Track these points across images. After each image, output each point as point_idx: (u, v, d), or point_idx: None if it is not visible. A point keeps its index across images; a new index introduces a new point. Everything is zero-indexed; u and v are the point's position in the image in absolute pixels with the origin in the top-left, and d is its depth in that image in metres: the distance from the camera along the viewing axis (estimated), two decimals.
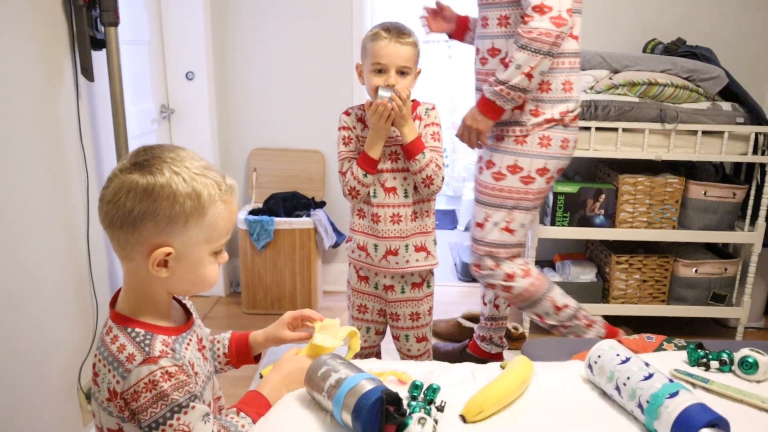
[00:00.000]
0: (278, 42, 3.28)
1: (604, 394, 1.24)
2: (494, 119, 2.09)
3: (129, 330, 1.03)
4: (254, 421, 1.13)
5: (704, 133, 2.71)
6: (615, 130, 2.72)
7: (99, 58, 2.06)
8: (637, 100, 2.70)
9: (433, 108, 2.00)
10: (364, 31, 3.23)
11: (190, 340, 1.12)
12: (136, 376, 0.98)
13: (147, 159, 1.00)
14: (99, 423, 1.07)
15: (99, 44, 2.06)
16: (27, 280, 1.71)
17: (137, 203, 0.98)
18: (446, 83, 5.17)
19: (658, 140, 2.74)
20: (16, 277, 1.66)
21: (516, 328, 2.90)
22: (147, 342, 1.01)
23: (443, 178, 1.91)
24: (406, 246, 1.97)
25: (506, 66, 1.98)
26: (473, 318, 2.96)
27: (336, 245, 3.30)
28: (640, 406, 1.12)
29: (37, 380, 1.76)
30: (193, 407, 1.02)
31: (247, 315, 3.20)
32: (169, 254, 1.01)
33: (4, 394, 1.61)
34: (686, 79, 2.73)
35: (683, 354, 1.44)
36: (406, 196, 1.95)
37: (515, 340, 2.88)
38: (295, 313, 1.36)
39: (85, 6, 1.96)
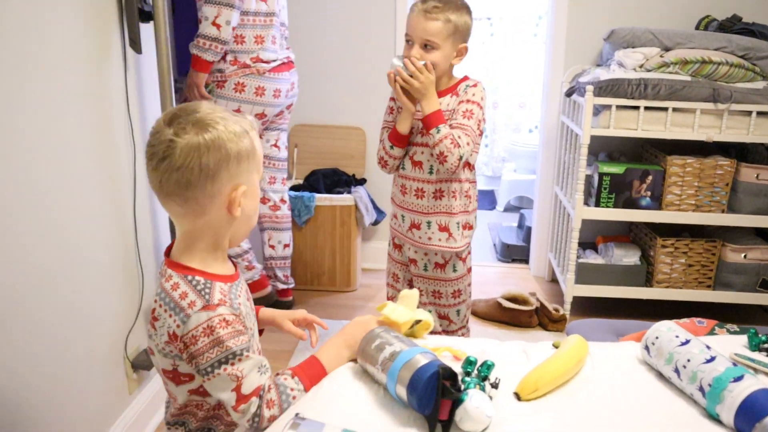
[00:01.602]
0: (321, 18, 3.26)
1: (661, 376, 1.21)
2: (204, 71, 2.44)
3: (189, 278, 1.08)
4: (306, 389, 1.14)
5: (759, 113, 2.61)
6: (665, 109, 2.64)
7: (146, 30, 2.06)
8: (689, 78, 2.62)
9: (475, 85, 1.92)
10: (407, 7, 3.18)
11: (241, 289, 1.16)
12: (196, 321, 1.03)
13: (193, 118, 1.04)
14: (156, 365, 1.14)
15: (147, 16, 2.06)
16: (75, 252, 1.73)
17: (210, 156, 1.03)
18: (486, 61, 5.09)
19: (709, 121, 2.66)
20: (64, 250, 1.68)
21: (557, 310, 2.87)
22: (207, 290, 1.06)
23: (461, 156, 1.78)
24: (429, 223, 1.95)
25: (200, 22, 2.37)
26: (514, 299, 2.94)
27: (376, 223, 3.29)
28: (701, 389, 1.08)
29: (84, 350, 1.79)
30: (247, 356, 1.06)
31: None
32: (243, 192, 1.09)
33: (54, 364, 1.64)
34: (742, 57, 2.63)
35: (740, 339, 1.40)
36: (430, 173, 1.91)
37: (555, 322, 2.85)
38: (308, 317, 1.37)
39: None
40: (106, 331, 1.91)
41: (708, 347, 1.15)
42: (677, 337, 1.18)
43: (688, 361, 1.12)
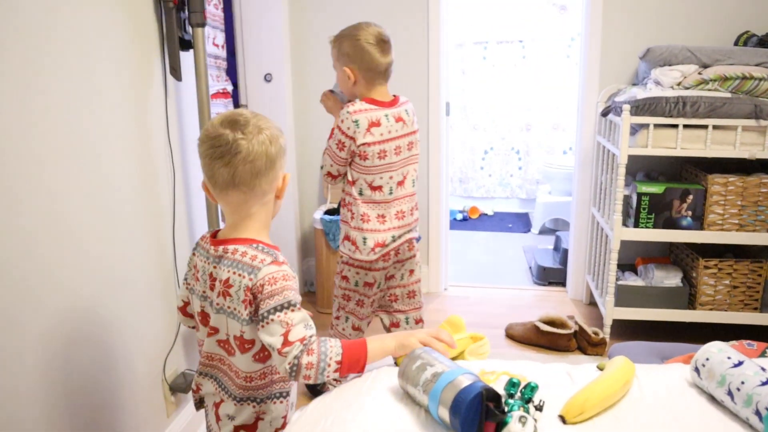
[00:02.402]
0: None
1: (713, 399, 1.17)
2: None
3: (254, 245, 1.25)
4: (343, 358, 1.18)
5: None
6: (704, 127, 2.59)
7: (185, 58, 2.11)
8: (729, 95, 2.57)
9: (346, 109, 2.01)
10: (441, 27, 3.21)
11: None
12: (265, 271, 1.20)
13: (249, 120, 1.24)
14: (225, 334, 1.28)
15: (186, 45, 2.11)
16: (114, 277, 1.76)
17: (273, 147, 1.24)
18: (520, 83, 5.08)
19: (751, 138, 2.60)
20: (105, 273, 1.71)
21: (596, 333, 2.80)
22: (272, 252, 1.25)
23: (323, 167, 2.09)
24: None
25: None
26: (552, 322, 2.88)
27: None
28: (757, 413, 1.04)
29: (123, 372, 1.81)
30: (299, 309, 1.21)
31: (321, 314, 3.22)
32: (288, 179, 1.32)
33: (93, 386, 1.66)
34: None
35: None
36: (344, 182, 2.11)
37: (595, 346, 2.78)
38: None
39: (175, 7, 2.01)
40: (145, 354, 1.92)
41: (763, 369, 1.10)
42: (729, 358, 1.14)
43: (742, 383, 1.08)
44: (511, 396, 1.10)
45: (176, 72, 2.08)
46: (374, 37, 1.99)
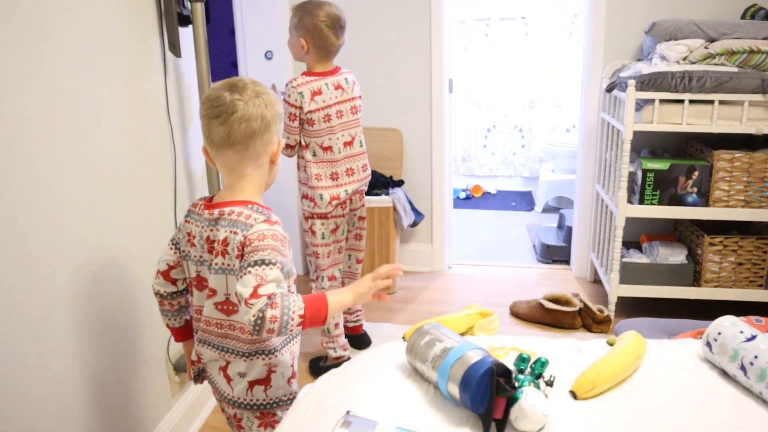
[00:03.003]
0: (356, 21, 3.25)
1: (724, 374, 1.15)
2: None
3: (249, 206, 1.30)
4: (305, 313, 1.18)
5: None
6: (711, 102, 2.56)
7: (184, 34, 2.08)
8: (736, 69, 2.53)
9: (290, 84, 2.26)
10: (443, 8, 3.16)
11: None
12: (256, 228, 1.25)
13: (248, 84, 1.29)
14: (224, 294, 1.32)
15: (185, 20, 2.07)
16: (116, 255, 1.74)
17: (268, 111, 1.29)
18: (522, 61, 5.03)
19: (758, 113, 2.56)
20: (106, 253, 1.69)
21: (601, 311, 2.79)
22: (266, 212, 1.30)
23: (282, 143, 2.27)
24: None
25: None
26: (557, 300, 2.87)
27: (414, 224, 3.26)
28: None
29: (127, 353, 1.80)
30: (278, 268, 1.22)
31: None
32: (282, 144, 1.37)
33: (97, 368, 1.66)
34: None
35: None
36: None
37: (600, 323, 2.78)
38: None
39: None
40: (148, 334, 1.91)
41: None
42: (742, 332, 1.12)
43: (756, 357, 1.06)
44: (521, 371, 1.09)
45: (175, 48, 2.04)
46: (333, 21, 2.24)
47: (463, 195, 5.06)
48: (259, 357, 1.36)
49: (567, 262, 3.58)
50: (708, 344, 1.18)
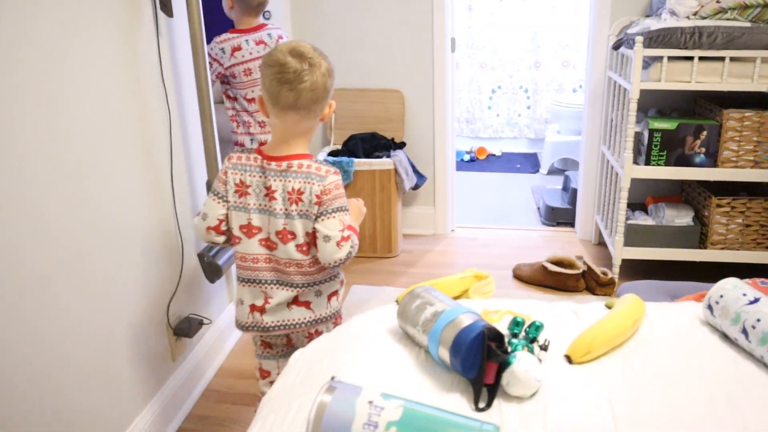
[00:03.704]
0: None
1: (726, 337, 1.12)
2: None
3: (313, 159, 1.51)
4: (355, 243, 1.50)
5: None
6: (721, 59, 2.48)
7: None
8: (749, 24, 2.44)
9: (215, 40, 2.50)
10: None
11: None
12: (331, 179, 1.48)
13: (312, 53, 1.45)
14: (298, 234, 1.50)
15: None
16: (113, 221, 1.72)
17: (329, 79, 1.48)
18: (528, 19, 4.90)
19: None
20: (102, 218, 1.67)
21: (605, 273, 2.77)
22: (326, 164, 1.52)
23: None
24: None
25: None
26: (560, 262, 2.84)
27: (416, 187, 3.22)
28: None
29: (128, 318, 1.79)
30: (347, 213, 1.51)
31: None
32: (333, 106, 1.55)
33: (97, 334, 1.65)
34: None
35: None
36: None
37: (604, 286, 2.75)
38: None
39: None
40: (148, 299, 1.90)
41: None
42: (744, 295, 1.09)
43: (758, 320, 1.03)
44: (515, 335, 1.06)
45: (167, 8, 1.98)
46: None
47: (467, 157, 5.00)
48: (332, 280, 1.62)
49: (572, 224, 3.54)
50: (709, 307, 1.14)
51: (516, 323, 1.08)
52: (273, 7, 3.12)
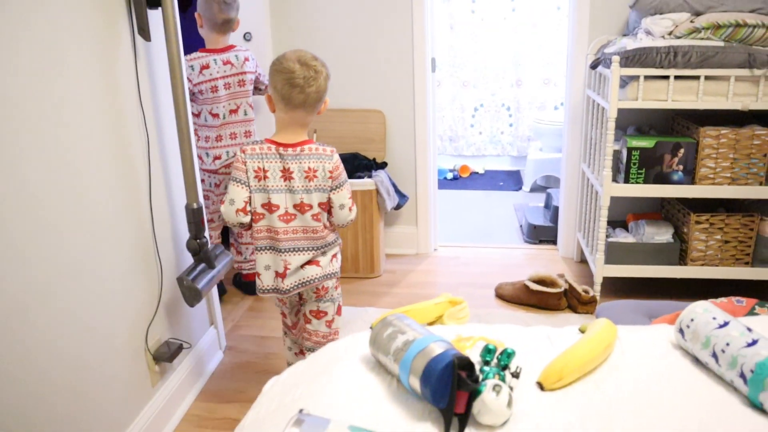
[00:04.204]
0: (337, 1, 3.18)
1: (697, 361, 1.13)
2: None
3: (317, 144, 1.85)
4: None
5: None
6: (696, 78, 2.51)
7: (154, 17, 2.02)
8: (722, 44, 2.48)
9: (187, 57, 2.56)
10: None
11: None
12: (335, 158, 1.85)
13: (315, 61, 1.78)
14: (313, 205, 1.84)
15: (154, 3, 2.01)
16: (90, 244, 1.71)
17: (327, 82, 1.82)
18: (510, 37, 4.95)
19: (745, 88, 2.51)
20: (79, 242, 1.66)
21: (587, 291, 2.77)
22: (325, 144, 1.87)
23: None
24: None
25: None
26: (542, 281, 2.85)
27: (398, 207, 3.22)
28: (742, 375, 1.00)
29: (104, 343, 1.77)
30: (349, 183, 1.91)
31: None
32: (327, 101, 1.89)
33: (75, 357, 1.63)
34: None
35: None
36: None
37: (585, 304, 2.76)
38: None
39: None
40: (126, 324, 1.88)
41: (749, 329, 1.06)
42: (714, 318, 1.09)
43: (727, 344, 1.04)
44: (487, 363, 1.06)
45: (145, 32, 1.98)
46: None
47: (450, 175, 5.02)
48: (334, 243, 1.96)
49: (554, 242, 3.55)
50: (681, 331, 1.15)
51: (488, 351, 1.07)
52: (253, 28, 3.13)
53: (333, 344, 1.23)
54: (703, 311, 1.12)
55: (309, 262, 1.90)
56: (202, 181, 2.80)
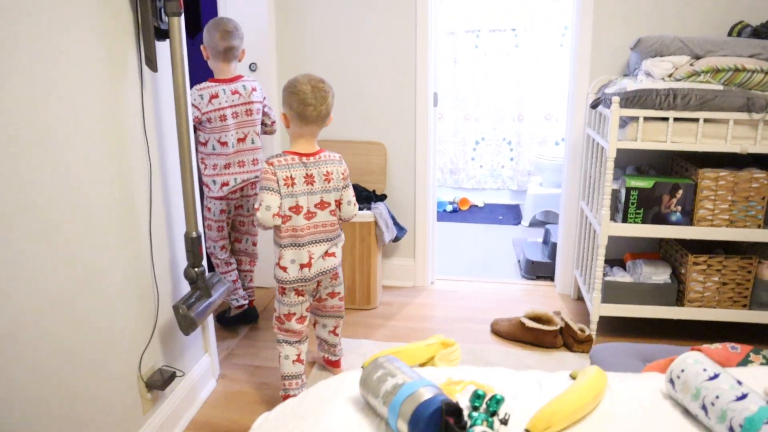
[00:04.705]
0: (341, 34, 3.23)
1: (687, 413, 1.12)
2: None
3: (328, 152, 2.22)
4: None
5: None
6: (696, 120, 2.53)
7: (161, 49, 2.05)
8: (721, 87, 2.51)
9: (195, 87, 2.66)
10: (429, 22, 3.14)
11: None
12: (344, 163, 2.23)
13: (322, 84, 2.13)
14: (331, 203, 2.21)
15: (162, 35, 2.05)
16: (89, 272, 1.71)
17: (333, 100, 2.16)
18: (512, 73, 5.01)
19: (743, 131, 2.54)
20: (78, 269, 1.66)
21: (582, 330, 2.76)
22: (333, 152, 2.24)
23: None
24: None
25: None
26: (538, 318, 2.84)
27: (396, 239, 3.23)
28: (731, 430, 1.00)
29: (97, 369, 1.76)
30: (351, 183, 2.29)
31: None
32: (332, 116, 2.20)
33: (65, 382, 1.62)
34: None
35: None
36: None
37: (581, 343, 2.75)
38: None
39: None
40: (120, 350, 1.88)
41: (739, 383, 1.06)
42: (705, 370, 1.09)
43: (717, 397, 1.03)
44: (476, 408, 1.05)
45: (152, 63, 2.01)
46: (216, 24, 2.66)
47: (450, 208, 5.03)
48: (341, 235, 2.31)
49: (551, 278, 3.55)
50: (671, 381, 1.15)
51: (477, 396, 1.07)
52: (259, 60, 3.18)
53: (323, 382, 1.23)
54: (693, 362, 1.12)
55: (327, 254, 2.22)
56: (208, 209, 2.84)
